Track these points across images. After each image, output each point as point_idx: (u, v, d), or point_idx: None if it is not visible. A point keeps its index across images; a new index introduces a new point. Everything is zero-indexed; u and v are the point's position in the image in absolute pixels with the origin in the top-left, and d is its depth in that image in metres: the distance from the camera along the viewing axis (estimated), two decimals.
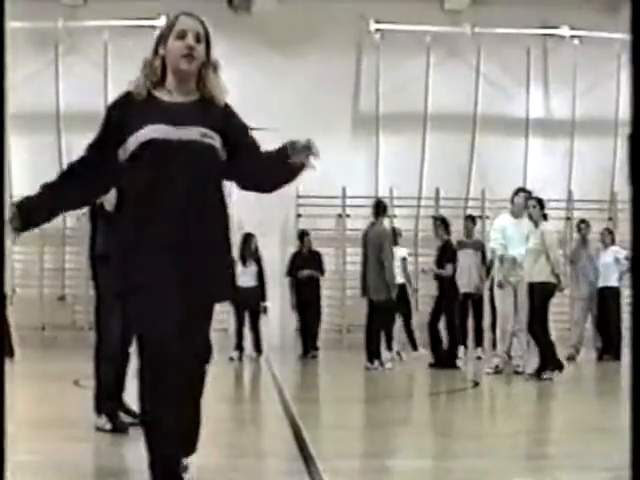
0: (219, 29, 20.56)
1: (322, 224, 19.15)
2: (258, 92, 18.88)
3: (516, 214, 12.59)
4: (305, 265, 16.67)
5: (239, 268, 15.49)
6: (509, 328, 12.48)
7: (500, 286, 12.50)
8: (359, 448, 6.97)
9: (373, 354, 13.44)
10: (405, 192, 18.94)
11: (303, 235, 17.21)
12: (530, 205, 12.31)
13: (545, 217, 12.20)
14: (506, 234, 12.52)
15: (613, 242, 15.84)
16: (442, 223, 14.53)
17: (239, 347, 15.40)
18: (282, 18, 18.65)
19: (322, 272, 16.88)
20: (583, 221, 16.36)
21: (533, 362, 12.08)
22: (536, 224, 12.14)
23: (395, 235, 15.29)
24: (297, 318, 17.27)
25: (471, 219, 15.72)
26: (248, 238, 15.82)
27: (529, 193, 12.77)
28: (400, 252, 15.48)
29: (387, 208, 14.10)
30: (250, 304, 15.40)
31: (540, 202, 12.31)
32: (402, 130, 19.12)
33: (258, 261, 15.84)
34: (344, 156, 19.08)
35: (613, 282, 15.52)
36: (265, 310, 15.85)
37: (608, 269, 15.53)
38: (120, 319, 7.06)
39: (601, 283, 15.58)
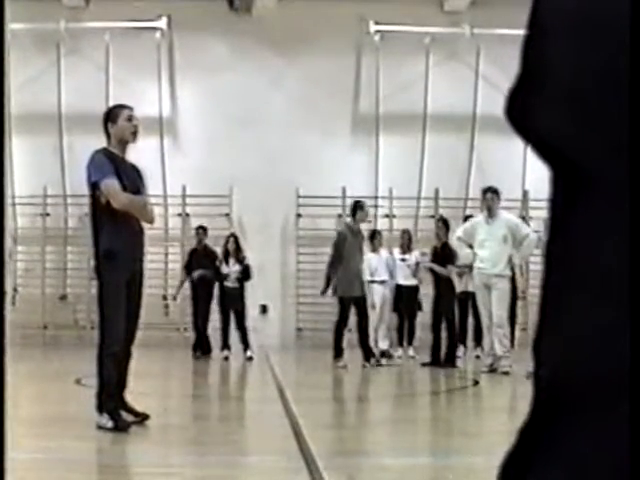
0: (219, 30, 20.63)
1: (322, 224, 19.19)
2: (258, 93, 18.94)
3: (490, 214, 12.80)
4: (199, 264, 15.74)
5: (223, 268, 15.51)
6: (488, 325, 12.76)
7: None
8: (359, 446, 7.00)
9: (367, 353, 13.59)
10: (404, 192, 18.99)
11: (197, 230, 16.20)
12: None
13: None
14: (474, 235, 12.81)
15: None
16: (444, 224, 14.64)
17: (226, 346, 15.36)
18: (282, 19, 18.69)
19: (217, 274, 15.56)
20: None
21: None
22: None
23: (374, 237, 15.41)
24: (192, 315, 16.18)
25: (470, 219, 15.75)
26: (227, 238, 15.73)
27: (495, 191, 12.93)
28: (414, 255, 15.66)
29: (361, 209, 14.00)
30: (234, 304, 15.33)
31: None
32: (402, 130, 19.17)
33: (242, 261, 15.54)
34: (344, 156, 19.13)
35: None
36: (265, 309, 15.68)
37: None
38: (125, 316, 7.11)
39: None
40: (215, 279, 15.63)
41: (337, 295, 13.69)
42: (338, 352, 13.60)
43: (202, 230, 16.18)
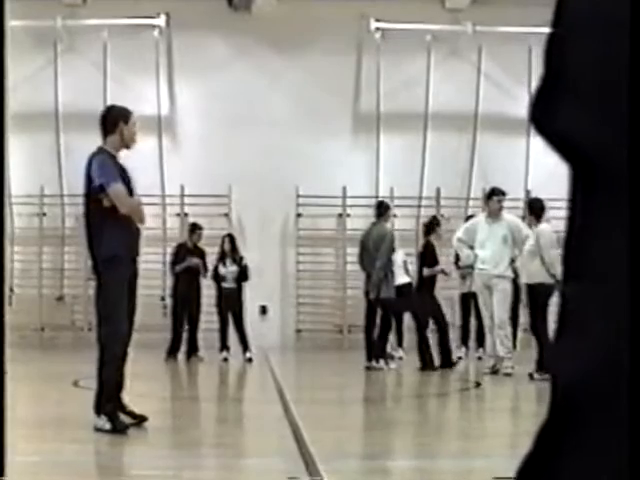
0: (219, 29, 20.51)
1: (322, 224, 19.12)
2: (258, 92, 18.86)
3: (491, 216, 12.77)
4: (186, 258, 15.52)
5: (220, 269, 15.41)
6: (490, 326, 12.74)
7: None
8: (359, 448, 6.96)
9: (379, 353, 13.34)
10: (406, 192, 18.90)
11: (194, 228, 15.90)
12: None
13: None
14: (475, 235, 12.82)
15: None
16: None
17: (224, 347, 15.25)
18: (282, 17, 18.62)
19: (205, 270, 15.54)
20: None
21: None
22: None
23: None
24: (171, 314, 15.89)
25: (471, 219, 15.65)
26: (224, 238, 15.60)
27: (503, 193, 12.89)
28: (400, 255, 15.52)
29: (389, 209, 14.05)
30: (231, 305, 15.20)
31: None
32: (403, 129, 19.09)
33: (239, 261, 15.42)
34: (344, 156, 19.04)
35: None
36: (264, 310, 15.58)
37: None
38: (126, 319, 7.08)
39: None
40: (212, 277, 15.54)
41: (382, 296, 13.27)
42: (384, 353, 13.43)
43: (199, 229, 15.97)
